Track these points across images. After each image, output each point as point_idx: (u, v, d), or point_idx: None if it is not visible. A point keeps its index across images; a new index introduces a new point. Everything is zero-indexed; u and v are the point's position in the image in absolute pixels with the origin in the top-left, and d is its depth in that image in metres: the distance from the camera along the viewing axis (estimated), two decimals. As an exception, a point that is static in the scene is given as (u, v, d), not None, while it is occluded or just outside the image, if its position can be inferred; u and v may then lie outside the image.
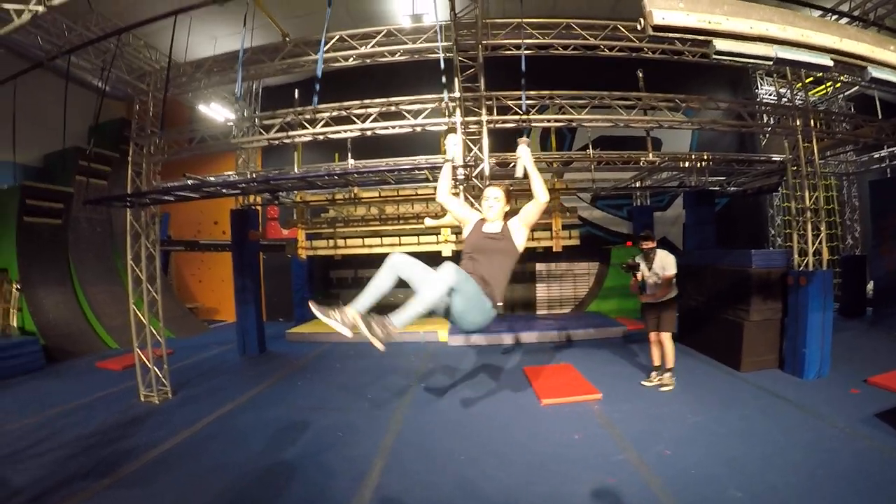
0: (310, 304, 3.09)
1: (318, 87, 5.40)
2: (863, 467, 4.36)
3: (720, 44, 4.38)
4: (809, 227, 7.20)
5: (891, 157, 11.81)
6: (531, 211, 3.39)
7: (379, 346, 2.92)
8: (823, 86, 10.92)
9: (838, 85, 10.57)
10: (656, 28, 4.31)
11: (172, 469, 4.49)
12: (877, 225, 11.22)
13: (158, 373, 6.64)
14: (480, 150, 6.96)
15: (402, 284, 3.07)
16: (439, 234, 8.72)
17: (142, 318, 6.83)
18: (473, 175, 6.87)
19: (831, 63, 4.80)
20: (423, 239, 9.57)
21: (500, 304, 3.36)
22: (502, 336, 9.49)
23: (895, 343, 9.05)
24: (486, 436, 5.08)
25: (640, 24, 2.86)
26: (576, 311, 12.47)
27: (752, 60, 4.76)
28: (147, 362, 6.59)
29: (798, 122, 7.44)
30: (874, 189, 11.55)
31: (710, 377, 7.06)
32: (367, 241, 10.19)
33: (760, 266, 7.37)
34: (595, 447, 4.78)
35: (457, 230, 7.07)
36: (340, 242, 10.45)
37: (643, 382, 6.80)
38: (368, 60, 7.39)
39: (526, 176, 3.45)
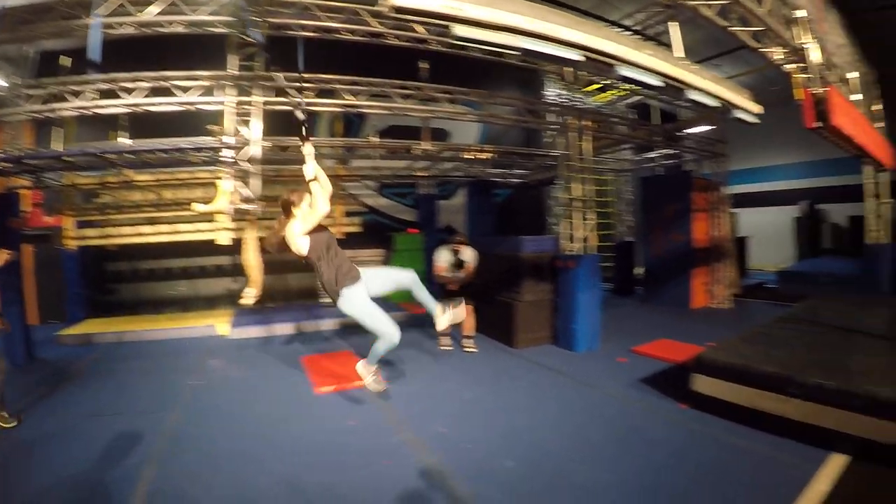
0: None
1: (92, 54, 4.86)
2: (633, 425, 4.84)
3: (460, 29, 4.50)
4: (579, 215, 7.84)
5: (662, 158, 13.28)
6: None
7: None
8: (608, 92, 11.84)
9: (622, 93, 11.51)
10: (397, 10, 4.33)
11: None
12: (645, 215, 12.73)
13: None
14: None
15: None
16: (213, 220, 8.16)
17: None
18: (241, 157, 6.58)
19: (582, 59, 5.18)
20: (200, 227, 8.98)
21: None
22: (284, 326, 9.34)
23: (659, 317, 10.30)
24: (263, 430, 4.90)
25: (381, 2, 2.86)
26: (361, 298, 12.39)
27: (497, 48, 4.97)
28: None
29: (573, 121, 8.07)
30: (644, 184, 13.08)
31: (487, 355, 7.45)
32: (143, 228, 9.32)
33: (531, 251, 7.94)
34: (371, 431, 4.80)
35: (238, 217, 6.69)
36: (115, 231, 9.44)
37: (440, 347, 7.82)
38: (147, 30, 6.64)
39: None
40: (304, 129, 3.97)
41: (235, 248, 7.29)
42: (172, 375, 6.80)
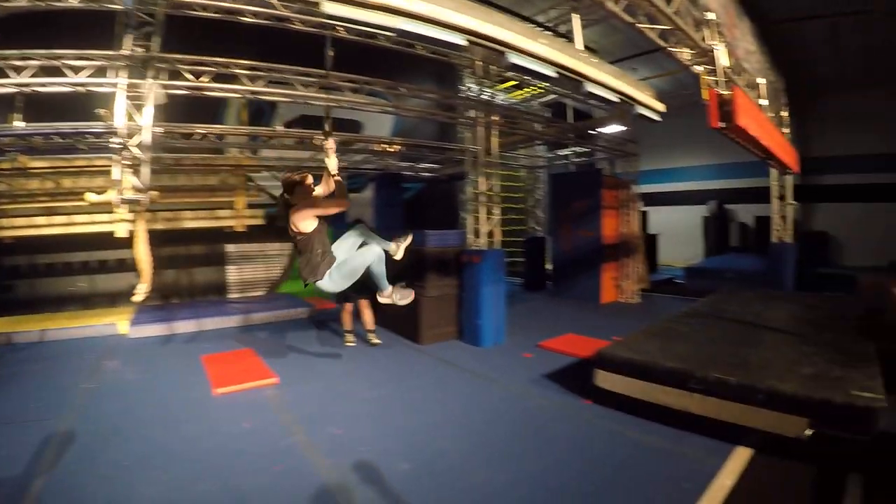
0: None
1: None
2: (537, 422, 4.82)
3: (329, 6, 4.48)
4: (484, 210, 7.89)
5: (575, 156, 13.71)
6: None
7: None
8: (523, 90, 12.13)
9: (537, 91, 11.81)
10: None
11: None
12: (556, 212, 12.98)
13: None
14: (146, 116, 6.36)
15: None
16: (112, 211, 7.74)
17: None
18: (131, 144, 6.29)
19: (466, 43, 5.22)
20: (97, 218, 8.53)
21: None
22: (186, 323, 8.98)
23: (568, 311, 10.49)
24: (156, 434, 4.62)
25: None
26: (269, 293, 12.04)
27: (374, 29, 4.96)
28: None
29: (481, 116, 8.13)
30: (555, 181, 13.41)
31: (392, 351, 7.40)
32: (38, 220, 8.72)
33: (436, 245, 7.96)
34: (265, 434, 4.63)
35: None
36: (8, 223, 8.75)
37: (346, 343, 7.70)
38: (41, 3, 6.03)
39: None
40: (326, 125, 4.31)
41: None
42: (69, 378, 6.34)
